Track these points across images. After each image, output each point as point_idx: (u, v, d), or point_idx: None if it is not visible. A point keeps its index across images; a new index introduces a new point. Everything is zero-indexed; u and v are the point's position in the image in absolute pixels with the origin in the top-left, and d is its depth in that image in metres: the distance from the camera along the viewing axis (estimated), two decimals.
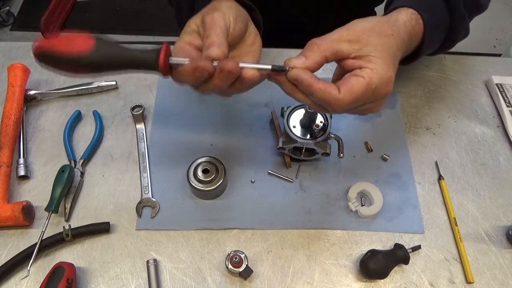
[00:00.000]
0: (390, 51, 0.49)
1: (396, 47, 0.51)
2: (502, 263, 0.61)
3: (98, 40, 0.47)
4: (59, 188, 0.61)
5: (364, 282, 0.59)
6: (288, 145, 0.63)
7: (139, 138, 0.71)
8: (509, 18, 2.28)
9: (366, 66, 0.47)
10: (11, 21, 2.17)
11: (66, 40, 0.47)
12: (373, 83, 0.47)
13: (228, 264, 0.57)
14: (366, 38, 0.49)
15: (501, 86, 0.78)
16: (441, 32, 0.61)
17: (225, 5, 0.51)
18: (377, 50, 0.48)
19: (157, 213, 0.63)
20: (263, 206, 0.64)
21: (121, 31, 2.16)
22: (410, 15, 0.55)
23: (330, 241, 0.62)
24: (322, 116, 0.64)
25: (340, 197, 0.65)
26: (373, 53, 0.48)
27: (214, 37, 0.47)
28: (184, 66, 0.46)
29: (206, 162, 0.63)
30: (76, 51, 0.46)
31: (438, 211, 0.65)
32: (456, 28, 0.61)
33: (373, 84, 0.47)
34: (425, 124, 0.74)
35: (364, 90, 0.47)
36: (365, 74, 0.47)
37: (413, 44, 0.57)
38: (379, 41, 0.49)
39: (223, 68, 0.45)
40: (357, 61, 0.48)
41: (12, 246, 0.60)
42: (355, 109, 0.50)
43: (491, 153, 0.71)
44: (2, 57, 0.80)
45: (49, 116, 0.73)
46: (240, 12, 0.53)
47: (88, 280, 0.58)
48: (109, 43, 0.48)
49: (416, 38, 0.56)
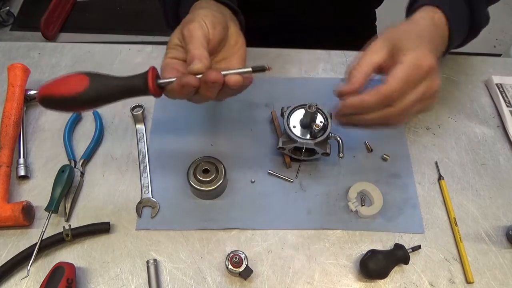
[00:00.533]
0: (413, 35, 0.52)
1: (420, 32, 0.53)
2: (502, 263, 0.61)
3: (91, 77, 0.49)
4: (59, 188, 0.61)
5: (364, 282, 0.59)
6: (288, 145, 0.63)
7: (139, 138, 0.71)
8: (509, 18, 2.28)
9: (398, 55, 0.50)
10: (11, 21, 2.17)
11: (62, 82, 0.50)
12: (409, 60, 0.49)
13: (228, 264, 0.57)
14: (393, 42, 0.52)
15: (501, 86, 0.78)
16: (464, 22, 0.62)
17: (201, 13, 0.53)
18: (403, 42, 0.51)
19: (157, 213, 0.63)
20: (263, 206, 0.64)
21: (121, 31, 2.16)
22: (427, 12, 0.57)
23: (330, 241, 0.62)
24: (322, 116, 0.64)
25: (340, 197, 0.65)
26: (401, 46, 0.51)
27: (194, 50, 0.49)
28: (172, 85, 0.49)
29: (206, 162, 0.63)
30: (72, 92, 0.49)
31: (438, 211, 0.65)
32: (477, 16, 0.62)
33: (409, 61, 0.49)
34: (425, 124, 0.74)
35: (405, 70, 0.49)
36: (399, 60, 0.49)
37: (439, 32, 0.57)
38: (403, 37, 0.52)
39: (206, 80, 0.48)
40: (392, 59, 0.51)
41: (12, 246, 0.60)
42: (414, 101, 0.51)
43: (491, 153, 0.71)
44: (2, 57, 0.80)
45: (49, 116, 0.73)
46: (216, 17, 0.54)
47: (88, 280, 0.58)
48: (102, 77, 0.51)
49: (441, 29, 0.57)
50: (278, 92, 0.76)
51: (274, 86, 0.77)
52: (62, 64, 0.80)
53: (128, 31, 2.15)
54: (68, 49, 0.82)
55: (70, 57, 0.81)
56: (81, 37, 2.15)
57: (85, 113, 0.73)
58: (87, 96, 0.49)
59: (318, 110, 0.64)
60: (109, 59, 0.81)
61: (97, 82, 0.49)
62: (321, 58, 0.81)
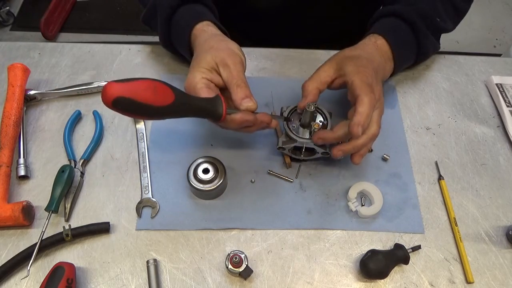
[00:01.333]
0: (355, 59, 0.63)
1: (366, 55, 0.64)
2: (502, 263, 0.61)
3: (175, 92, 0.51)
4: (59, 188, 0.61)
5: (364, 282, 0.59)
6: (288, 145, 0.63)
7: (139, 138, 0.71)
8: (509, 18, 2.28)
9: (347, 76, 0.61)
10: (11, 21, 2.17)
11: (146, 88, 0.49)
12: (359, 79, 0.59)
13: (228, 264, 0.57)
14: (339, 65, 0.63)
15: (501, 86, 0.78)
16: (410, 49, 0.73)
17: (235, 46, 0.62)
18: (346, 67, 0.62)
19: (157, 213, 0.63)
20: (263, 206, 0.64)
21: (121, 31, 2.16)
22: (370, 38, 0.69)
23: (330, 241, 0.62)
24: (322, 116, 0.64)
25: (340, 197, 0.65)
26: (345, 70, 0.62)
27: (246, 89, 0.58)
28: (234, 116, 0.56)
29: (206, 162, 0.63)
30: (160, 103, 0.49)
31: (438, 211, 0.65)
32: (423, 45, 0.73)
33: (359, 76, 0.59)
34: (425, 124, 0.74)
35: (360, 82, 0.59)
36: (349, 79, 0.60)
37: (385, 55, 0.68)
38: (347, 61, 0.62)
39: (262, 121, 0.58)
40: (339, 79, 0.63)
41: (12, 246, 0.60)
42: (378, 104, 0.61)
43: (491, 153, 0.71)
44: (2, 57, 0.80)
45: (49, 116, 0.73)
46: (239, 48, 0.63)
47: (88, 280, 0.58)
48: (184, 95, 0.54)
49: (385, 53, 0.69)
50: (278, 92, 0.76)
51: (274, 86, 0.77)
52: (62, 64, 0.80)
53: (128, 31, 2.15)
54: (68, 49, 0.82)
55: (70, 57, 0.81)
56: (81, 37, 2.15)
57: (85, 113, 0.73)
58: (171, 110, 0.51)
59: (318, 110, 0.64)
60: (109, 59, 0.81)
61: (181, 98, 0.52)
62: (321, 58, 0.81)
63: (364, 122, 0.56)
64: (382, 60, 0.67)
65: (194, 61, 0.61)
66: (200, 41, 0.64)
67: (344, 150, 0.60)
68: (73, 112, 0.72)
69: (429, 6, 0.72)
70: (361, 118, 0.56)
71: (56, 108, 0.74)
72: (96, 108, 0.73)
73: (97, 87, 0.75)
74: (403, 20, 0.70)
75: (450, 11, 0.75)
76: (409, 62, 0.76)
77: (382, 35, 0.69)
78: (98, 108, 0.73)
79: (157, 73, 0.79)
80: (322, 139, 0.61)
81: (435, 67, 0.82)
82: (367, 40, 0.69)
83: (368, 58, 0.64)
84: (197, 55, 0.61)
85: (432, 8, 0.72)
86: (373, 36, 0.69)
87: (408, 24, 0.70)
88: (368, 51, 0.66)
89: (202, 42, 0.63)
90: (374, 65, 0.64)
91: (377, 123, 0.61)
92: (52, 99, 0.75)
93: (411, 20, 0.69)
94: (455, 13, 0.76)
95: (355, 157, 0.62)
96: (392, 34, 0.69)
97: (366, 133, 0.59)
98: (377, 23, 0.72)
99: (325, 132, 0.61)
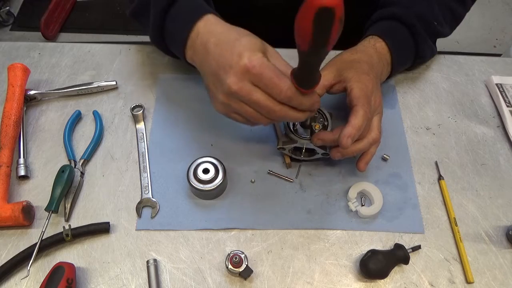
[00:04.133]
0: (355, 64, 0.63)
1: (365, 59, 0.64)
2: (502, 263, 0.61)
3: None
4: (59, 188, 0.61)
5: (364, 282, 0.59)
6: (288, 145, 0.63)
7: (139, 138, 0.71)
8: (509, 18, 2.28)
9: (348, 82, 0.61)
10: (11, 21, 2.17)
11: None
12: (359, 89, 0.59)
13: (228, 264, 0.57)
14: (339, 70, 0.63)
15: (501, 86, 0.78)
16: (408, 53, 0.73)
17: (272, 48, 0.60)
18: (346, 71, 0.62)
19: (157, 213, 0.63)
20: (263, 206, 0.64)
21: (121, 31, 2.16)
22: (369, 40, 0.69)
23: (330, 241, 0.62)
24: (322, 116, 0.64)
25: (340, 197, 0.65)
26: (345, 75, 0.62)
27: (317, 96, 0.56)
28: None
29: (206, 162, 0.63)
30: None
31: (438, 211, 0.65)
32: (421, 49, 0.72)
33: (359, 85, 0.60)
34: (425, 124, 0.74)
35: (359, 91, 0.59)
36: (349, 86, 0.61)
37: (383, 58, 0.68)
38: (346, 66, 0.63)
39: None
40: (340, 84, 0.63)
41: (12, 246, 0.60)
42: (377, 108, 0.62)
43: (491, 153, 0.71)
44: (2, 57, 0.80)
45: (49, 116, 0.73)
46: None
47: (88, 280, 0.58)
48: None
49: (383, 55, 0.68)
50: None
51: None
52: (62, 64, 0.80)
53: (128, 31, 2.15)
54: (68, 49, 0.82)
55: (70, 57, 0.81)
56: (81, 37, 2.15)
57: (85, 113, 0.73)
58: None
59: (318, 110, 0.64)
60: (109, 59, 0.81)
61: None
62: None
63: (355, 134, 0.56)
64: (381, 64, 0.68)
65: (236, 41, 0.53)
66: (218, 29, 0.57)
67: (343, 153, 0.60)
68: (73, 112, 0.72)
69: (427, 10, 0.72)
70: (352, 130, 0.56)
71: (56, 108, 0.74)
72: (96, 108, 0.73)
73: (97, 87, 0.75)
74: (402, 23, 0.70)
75: (448, 15, 0.75)
76: (405, 66, 0.76)
77: (382, 38, 0.68)
78: (98, 108, 0.73)
79: (157, 73, 0.79)
80: (322, 140, 0.61)
81: (435, 67, 0.82)
82: (366, 42, 0.69)
83: (369, 62, 0.64)
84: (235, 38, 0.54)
85: (430, 11, 0.72)
86: (372, 38, 0.69)
87: (407, 27, 0.70)
88: (368, 55, 0.66)
89: (226, 30, 0.57)
90: (374, 71, 0.64)
91: (378, 128, 0.61)
92: (52, 99, 0.75)
93: (411, 23, 0.69)
94: (453, 18, 0.76)
95: (361, 164, 0.62)
96: (391, 37, 0.69)
97: (366, 137, 0.60)
98: (375, 25, 0.72)
99: (325, 133, 0.61)
